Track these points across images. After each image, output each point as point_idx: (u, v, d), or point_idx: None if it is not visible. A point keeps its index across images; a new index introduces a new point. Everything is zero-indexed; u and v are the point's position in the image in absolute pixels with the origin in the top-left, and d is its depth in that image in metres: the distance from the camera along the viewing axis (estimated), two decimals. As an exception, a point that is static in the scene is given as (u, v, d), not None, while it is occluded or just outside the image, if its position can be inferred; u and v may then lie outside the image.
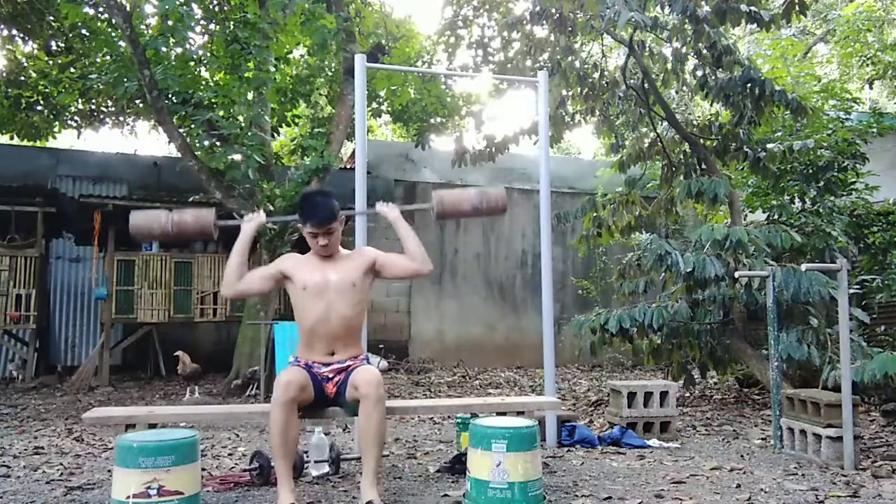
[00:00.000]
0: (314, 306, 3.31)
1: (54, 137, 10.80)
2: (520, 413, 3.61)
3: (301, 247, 3.85)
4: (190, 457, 2.77)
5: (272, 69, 8.54)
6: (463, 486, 3.56)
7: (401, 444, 4.94)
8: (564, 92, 7.61)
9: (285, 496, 3.01)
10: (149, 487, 2.65)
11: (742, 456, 4.44)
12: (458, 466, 3.84)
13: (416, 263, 3.44)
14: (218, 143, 8.23)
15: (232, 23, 8.72)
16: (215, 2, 9.36)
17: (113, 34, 8.54)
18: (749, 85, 6.48)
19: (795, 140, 7.02)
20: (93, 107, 10.31)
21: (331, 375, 3.32)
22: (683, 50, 7.04)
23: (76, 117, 10.42)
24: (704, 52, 6.67)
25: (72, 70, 9.49)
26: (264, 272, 3.50)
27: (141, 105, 9.08)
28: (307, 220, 3.35)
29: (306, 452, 3.91)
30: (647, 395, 5.03)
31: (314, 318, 3.31)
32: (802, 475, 3.85)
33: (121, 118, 10.64)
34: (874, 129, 7.56)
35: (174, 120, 8.19)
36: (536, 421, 3.28)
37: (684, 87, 7.80)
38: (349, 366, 3.33)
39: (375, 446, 3.07)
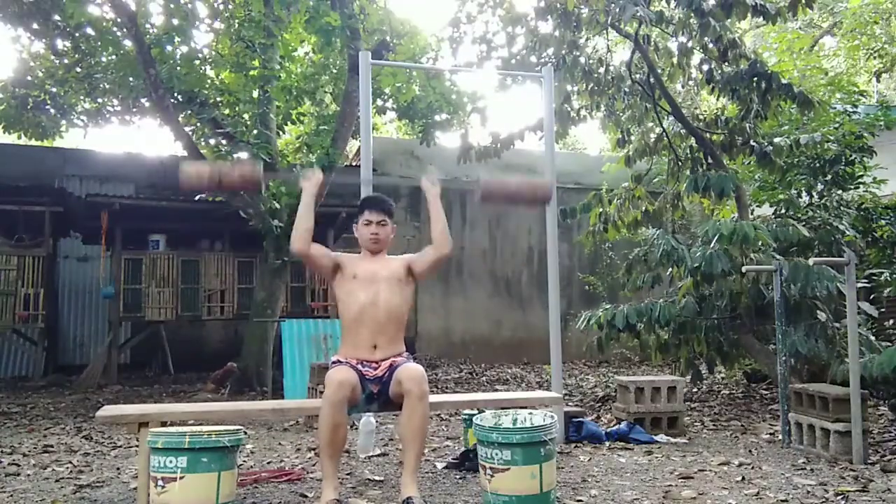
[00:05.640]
0: (362, 293, 3.34)
1: (61, 137, 10.83)
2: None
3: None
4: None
5: (277, 67, 8.54)
6: (471, 482, 3.56)
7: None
8: (569, 87, 7.59)
9: (329, 493, 3.01)
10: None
11: (750, 451, 4.43)
12: (466, 463, 3.85)
13: (439, 248, 3.47)
14: (224, 142, 8.24)
15: (237, 21, 8.72)
16: (220, 0, 9.36)
17: (118, 33, 8.56)
18: (755, 78, 6.44)
19: (802, 134, 6.97)
20: (99, 106, 10.32)
21: (376, 376, 3.28)
22: (689, 44, 7.00)
23: (82, 117, 10.43)
24: (710, 45, 6.63)
25: (78, 69, 9.51)
26: (328, 252, 3.55)
27: (147, 104, 9.09)
28: (365, 206, 3.50)
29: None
30: (655, 391, 5.02)
31: (361, 303, 3.32)
32: (811, 470, 3.84)
33: (126, 117, 10.65)
34: (881, 122, 7.51)
35: (180, 118, 8.20)
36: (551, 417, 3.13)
37: (690, 82, 7.76)
38: (392, 363, 3.30)
39: (417, 442, 3.07)
